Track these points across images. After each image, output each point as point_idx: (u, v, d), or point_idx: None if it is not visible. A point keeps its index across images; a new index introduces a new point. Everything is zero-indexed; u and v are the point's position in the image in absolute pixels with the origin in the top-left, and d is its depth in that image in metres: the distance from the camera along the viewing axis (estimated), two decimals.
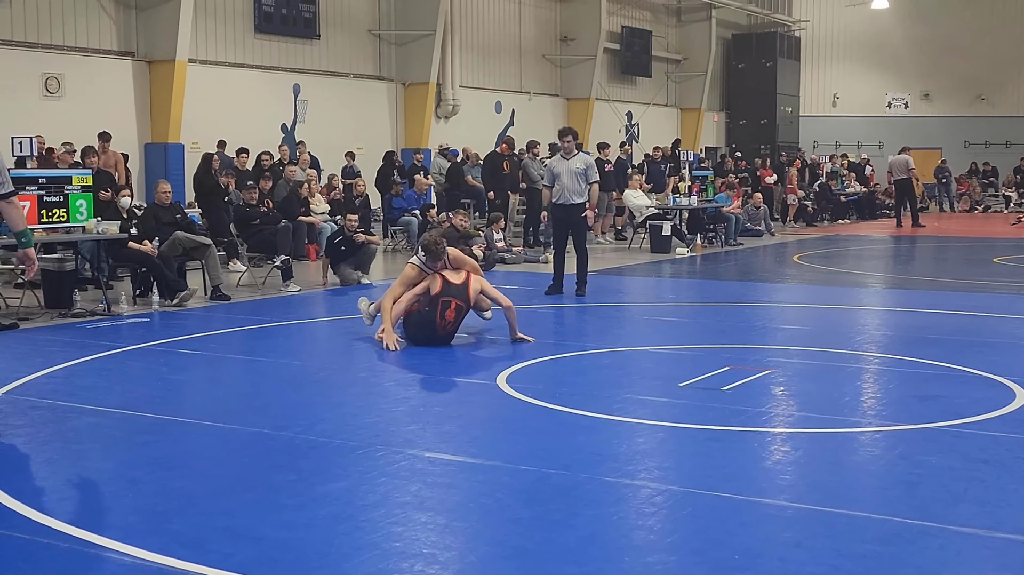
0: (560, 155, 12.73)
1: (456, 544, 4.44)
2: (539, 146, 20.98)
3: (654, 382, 7.75)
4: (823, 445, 6.04)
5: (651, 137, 32.58)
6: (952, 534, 4.47)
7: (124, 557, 4.22)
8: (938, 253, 20.50)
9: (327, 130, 22.99)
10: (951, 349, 8.85)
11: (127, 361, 8.64)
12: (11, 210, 6.49)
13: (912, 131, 39.23)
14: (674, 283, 15.14)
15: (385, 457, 5.65)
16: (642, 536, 4.53)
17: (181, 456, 5.83)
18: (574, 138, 12.71)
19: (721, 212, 20.85)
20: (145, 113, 19.94)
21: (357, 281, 13.63)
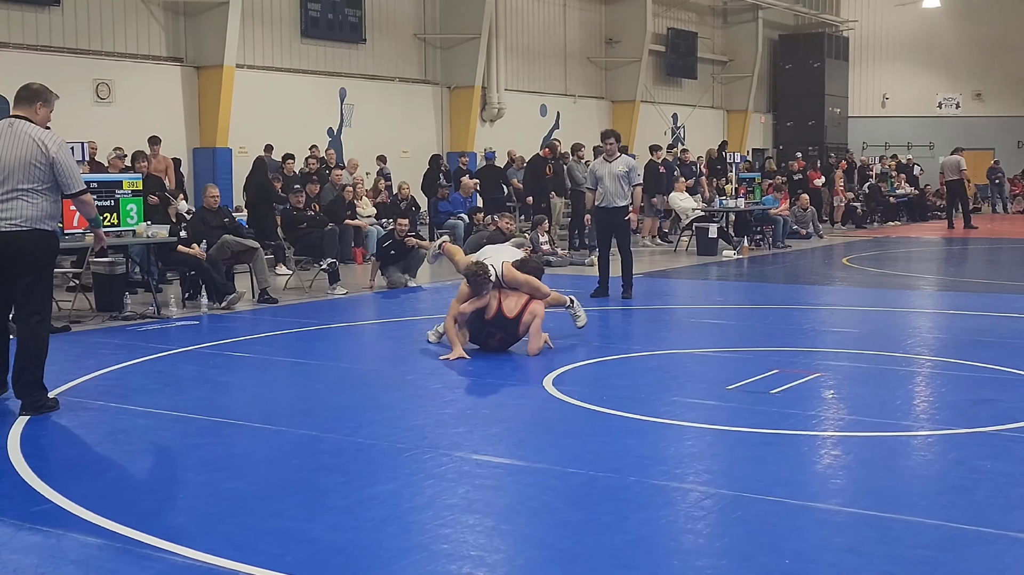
0: (603, 158, 12.68)
1: (504, 547, 4.42)
2: (583, 149, 20.96)
3: (702, 385, 7.69)
4: (874, 449, 5.96)
5: (697, 140, 32.43)
6: (1010, 540, 4.39)
7: (175, 557, 4.25)
8: (991, 255, 20.22)
9: (373, 134, 23.10)
10: (1006, 352, 8.71)
11: (177, 364, 8.72)
12: (82, 206, 7.16)
13: (964, 131, 38.72)
14: (721, 286, 15.05)
15: (432, 459, 5.65)
16: (691, 540, 4.50)
17: (231, 458, 5.86)
18: (616, 140, 12.65)
19: (768, 214, 20.69)
20: (194, 118, 20.13)
21: (405, 284, 13.67)
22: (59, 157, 6.79)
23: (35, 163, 6.72)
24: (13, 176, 6.71)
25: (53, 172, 6.77)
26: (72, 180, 6.88)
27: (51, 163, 6.75)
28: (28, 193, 6.73)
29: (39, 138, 6.76)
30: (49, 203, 6.85)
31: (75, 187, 6.90)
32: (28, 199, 6.73)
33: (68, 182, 6.86)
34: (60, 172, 6.80)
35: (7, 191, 6.72)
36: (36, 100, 6.95)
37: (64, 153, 6.86)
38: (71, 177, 6.87)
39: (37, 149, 6.72)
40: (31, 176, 6.72)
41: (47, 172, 6.76)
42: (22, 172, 6.71)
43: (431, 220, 19.66)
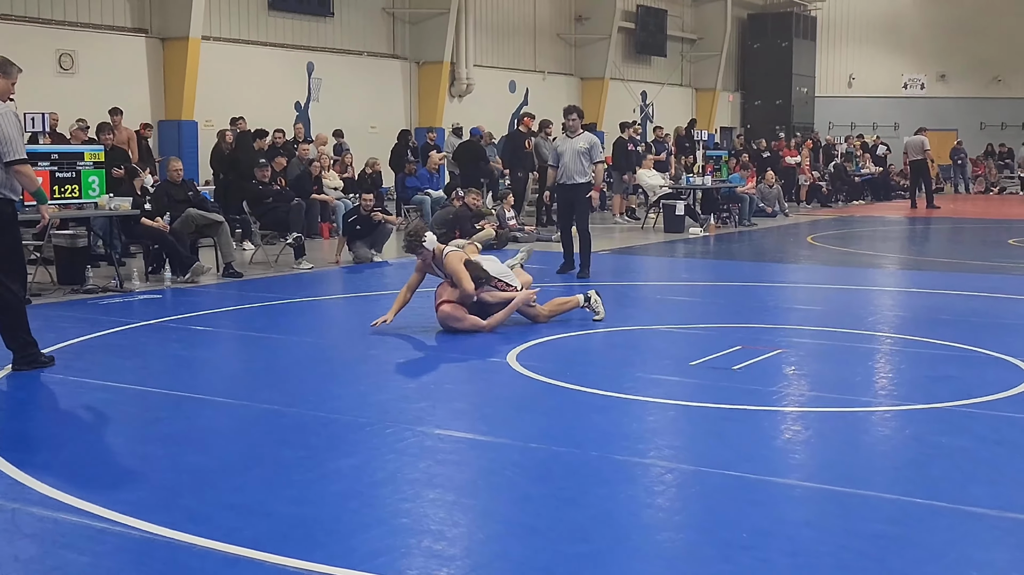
0: (566, 134, 12.53)
1: (465, 521, 4.43)
2: (552, 126, 20.94)
3: (665, 361, 7.72)
4: (834, 425, 6.01)
5: (666, 118, 32.45)
6: (963, 514, 4.45)
7: (133, 531, 4.23)
8: (953, 235, 20.40)
9: (341, 109, 22.95)
10: (965, 330, 8.80)
11: (139, 337, 8.66)
12: (20, 178, 6.99)
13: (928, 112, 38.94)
14: (687, 263, 15.10)
15: (395, 434, 5.65)
16: (651, 514, 4.52)
17: (192, 432, 5.84)
18: (579, 116, 12.46)
19: (735, 192, 20.77)
20: (159, 90, 19.94)
21: (371, 259, 13.64)
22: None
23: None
24: None
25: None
26: (8, 148, 6.78)
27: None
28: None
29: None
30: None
31: (9, 155, 6.80)
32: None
33: (3, 149, 6.76)
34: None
35: None
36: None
37: (6, 122, 6.76)
38: (6, 145, 6.77)
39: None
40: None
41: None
42: None
43: (398, 195, 19.59)
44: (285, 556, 3.96)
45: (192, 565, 3.91)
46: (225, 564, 3.92)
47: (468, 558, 4.02)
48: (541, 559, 3.99)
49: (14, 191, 7.00)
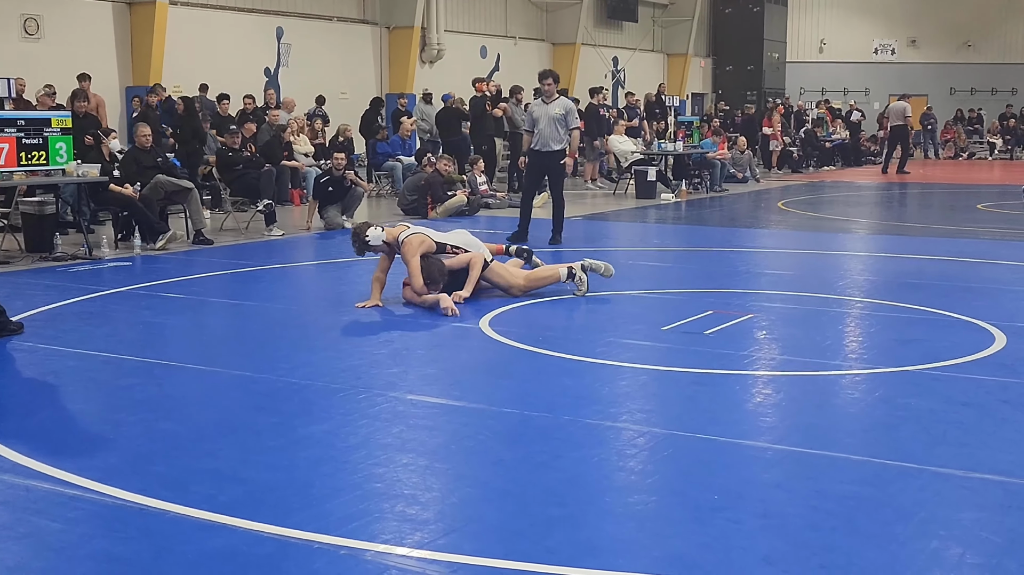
0: (541, 99, 12.32)
1: (438, 485, 4.45)
2: (523, 91, 20.85)
3: (637, 326, 7.75)
4: (804, 388, 6.06)
5: (638, 83, 32.39)
6: (931, 475, 4.50)
7: (106, 498, 4.22)
8: (923, 200, 20.52)
9: (311, 75, 22.77)
10: (934, 294, 8.88)
11: (109, 305, 8.61)
12: None
13: (899, 77, 39.10)
14: (659, 228, 15.13)
15: (367, 399, 5.66)
16: (623, 477, 4.55)
17: (164, 399, 5.82)
18: (555, 81, 12.27)
19: (707, 158, 20.79)
20: (126, 56, 19.70)
21: (342, 225, 13.57)
22: None
23: None
24: None
25: None
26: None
27: None
28: None
29: None
30: None
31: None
32: None
33: None
34: None
35: None
36: None
37: None
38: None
39: None
40: None
41: None
42: None
43: (369, 162, 19.50)
44: (259, 521, 3.97)
45: (165, 531, 3.91)
46: (199, 530, 3.92)
47: (441, 522, 4.04)
48: (514, 522, 4.01)
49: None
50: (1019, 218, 15.76)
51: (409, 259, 8.15)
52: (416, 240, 8.22)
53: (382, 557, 3.70)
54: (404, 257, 8.21)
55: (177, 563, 3.64)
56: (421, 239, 8.26)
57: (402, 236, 8.26)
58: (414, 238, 8.23)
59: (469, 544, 3.81)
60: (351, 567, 3.62)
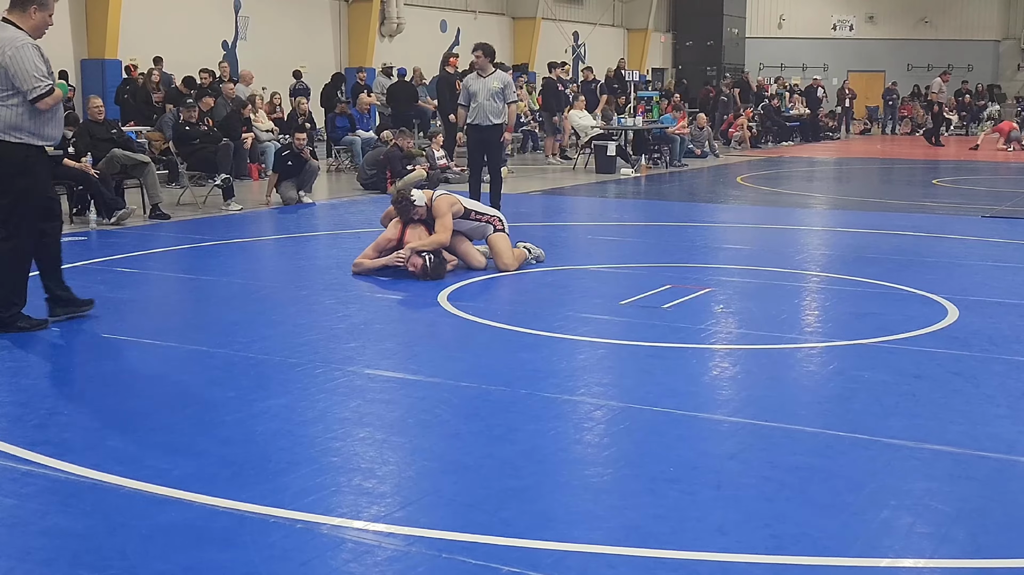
0: (476, 72, 12.09)
1: (395, 459, 4.45)
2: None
3: (596, 300, 7.78)
4: (760, 361, 6.11)
5: (598, 58, 32.38)
6: (882, 446, 4.56)
7: (59, 473, 4.19)
8: (879, 175, 20.69)
9: (269, 48, 22.59)
10: (888, 268, 8.97)
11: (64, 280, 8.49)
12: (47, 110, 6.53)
13: (857, 54, 39.40)
14: (618, 203, 15.16)
15: (324, 374, 5.65)
16: (580, 450, 4.58)
17: (119, 374, 5.78)
18: (485, 54, 12.00)
19: (666, 133, 20.84)
20: (81, 29, 19.44)
21: (298, 200, 13.50)
22: (9, 61, 6.30)
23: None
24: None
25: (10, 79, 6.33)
26: (25, 84, 6.32)
27: (5, 69, 6.31)
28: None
29: (1, 43, 6.32)
30: (9, 112, 6.38)
31: (30, 93, 6.35)
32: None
33: (23, 87, 6.34)
34: (12, 77, 6.33)
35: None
36: (30, 4, 6.48)
37: (19, 56, 6.31)
38: (24, 81, 6.32)
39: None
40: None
41: (5, 78, 6.33)
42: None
43: (328, 136, 19.39)
44: (214, 496, 3.96)
45: (120, 506, 3.89)
46: (153, 504, 3.90)
47: (398, 495, 4.05)
48: (471, 494, 4.03)
49: (39, 135, 6.54)
50: (973, 193, 15.94)
51: (443, 215, 8.54)
52: (447, 200, 8.64)
53: (338, 530, 3.70)
54: (436, 212, 8.54)
55: (131, 538, 3.62)
56: (452, 200, 8.69)
57: (434, 197, 8.65)
58: (445, 198, 8.66)
59: (425, 517, 3.82)
60: (307, 541, 3.61)
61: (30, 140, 6.47)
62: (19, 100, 6.38)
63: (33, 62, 6.34)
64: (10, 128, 6.40)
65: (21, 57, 6.31)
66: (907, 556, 3.54)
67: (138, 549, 3.54)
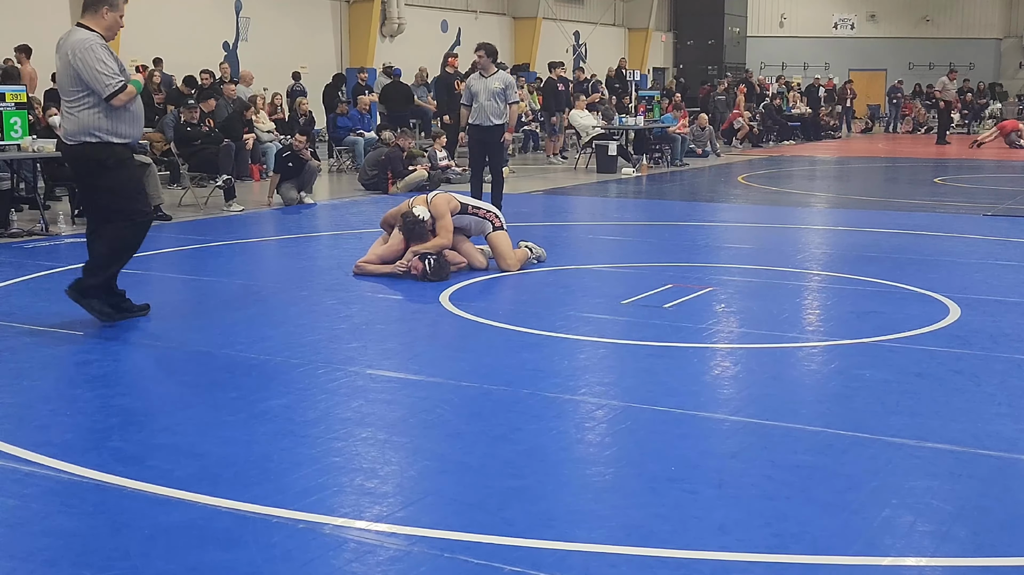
0: (479, 73, 12.13)
1: (396, 459, 4.46)
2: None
3: (597, 300, 7.78)
4: (762, 360, 6.11)
5: (599, 58, 32.38)
6: (884, 444, 4.56)
7: (61, 474, 4.20)
8: (881, 173, 20.67)
9: (270, 49, 22.60)
10: (890, 267, 8.97)
11: (65, 281, 8.44)
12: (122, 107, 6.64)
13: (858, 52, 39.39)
14: (619, 203, 15.16)
15: (326, 374, 5.65)
16: (582, 449, 4.58)
17: (121, 374, 5.79)
18: (488, 54, 12.03)
19: (667, 133, 20.83)
20: None
21: (300, 201, 13.51)
22: (78, 63, 6.40)
23: (69, 73, 6.45)
24: (62, 89, 6.52)
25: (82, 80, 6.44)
26: (97, 83, 6.41)
27: (77, 71, 6.42)
28: (68, 105, 6.52)
29: (69, 45, 6.45)
30: (90, 113, 6.48)
31: (101, 92, 6.44)
32: (69, 112, 6.52)
33: (92, 87, 6.43)
34: (82, 78, 6.43)
35: (65, 105, 6.55)
36: (102, 5, 6.64)
37: (87, 56, 6.39)
38: (95, 81, 6.41)
39: (66, 58, 6.43)
40: (69, 87, 6.49)
41: (79, 80, 6.44)
42: (66, 84, 6.49)
43: (330, 136, 19.40)
44: (216, 496, 3.96)
45: (122, 506, 3.90)
46: (156, 504, 3.91)
47: (400, 495, 4.05)
48: (472, 494, 4.03)
49: (116, 133, 6.59)
50: (974, 191, 15.94)
51: (442, 215, 8.56)
52: (444, 199, 8.67)
53: (340, 530, 3.70)
54: (435, 213, 8.56)
55: (134, 538, 3.62)
56: (447, 198, 8.72)
57: (430, 198, 8.69)
58: (441, 197, 8.69)
59: (427, 517, 3.82)
60: (309, 541, 3.62)
61: (110, 139, 6.59)
62: (94, 100, 6.50)
63: (102, 60, 6.46)
64: (89, 129, 6.53)
65: (89, 58, 6.43)
66: (908, 554, 3.54)
67: (141, 549, 3.54)
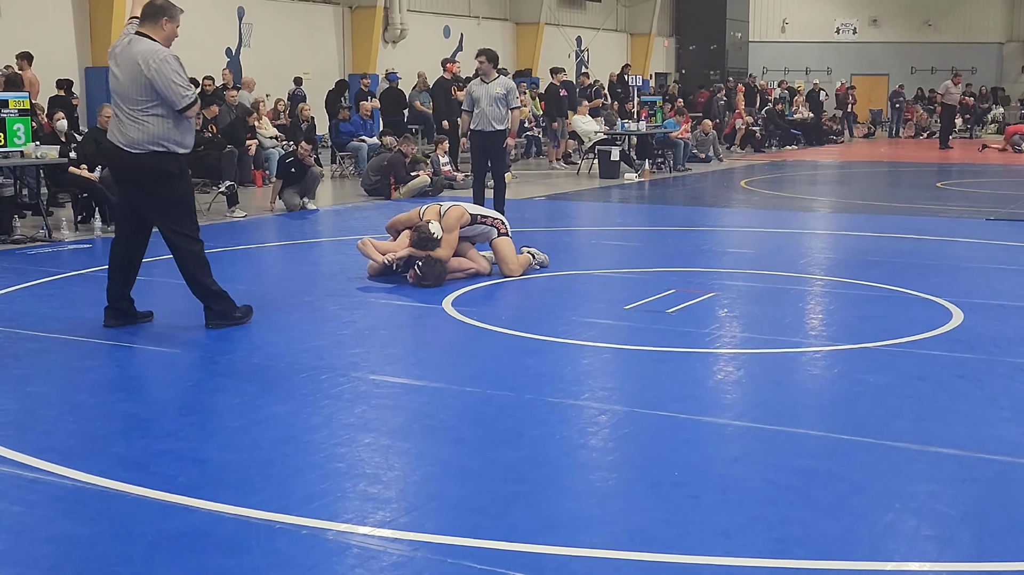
0: (480, 79, 12.07)
1: (399, 464, 4.46)
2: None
3: (600, 305, 7.78)
4: (765, 365, 6.11)
5: (601, 63, 32.39)
6: (886, 449, 4.56)
7: (65, 480, 4.20)
8: (883, 178, 20.68)
9: (273, 55, 22.61)
10: (892, 271, 8.97)
11: (68, 287, 8.54)
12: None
13: (860, 57, 39.39)
14: (622, 208, 15.17)
15: (329, 380, 5.65)
16: (585, 455, 4.58)
17: (124, 380, 5.80)
18: (489, 60, 11.99)
19: (669, 138, 20.84)
20: (85, 36, 19.47)
21: (302, 207, 13.52)
22: (154, 74, 6.48)
23: (140, 82, 6.49)
24: (126, 97, 6.54)
25: (156, 91, 6.50)
26: (173, 95, 6.52)
27: (151, 81, 6.48)
28: (135, 113, 6.54)
29: (142, 55, 6.51)
30: (160, 123, 6.55)
31: (177, 104, 6.56)
32: (134, 121, 6.54)
33: (169, 99, 6.53)
34: (158, 90, 6.51)
35: (124, 113, 6.56)
36: (161, 16, 6.78)
37: (164, 68, 6.50)
38: (172, 92, 6.52)
39: (138, 68, 6.49)
40: (137, 96, 6.52)
41: (151, 90, 6.50)
42: (133, 92, 6.52)
43: (332, 141, 19.42)
44: (220, 502, 3.97)
45: (126, 512, 3.90)
46: (159, 510, 3.91)
47: (403, 500, 4.05)
48: (475, 499, 4.03)
49: (181, 144, 6.70)
50: (977, 196, 15.93)
51: (450, 230, 8.53)
52: (456, 214, 8.58)
53: (344, 536, 3.70)
54: (446, 227, 8.53)
55: (137, 544, 3.63)
56: (460, 212, 8.62)
57: (444, 211, 8.60)
58: (454, 211, 8.60)
59: (431, 522, 3.82)
60: (313, 546, 3.62)
61: (175, 149, 6.67)
62: (164, 111, 6.57)
63: (177, 72, 6.58)
64: (158, 139, 6.58)
65: (167, 70, 6.52)
66: (912, 559, 3.54)
67: (144, 555, 3.55)
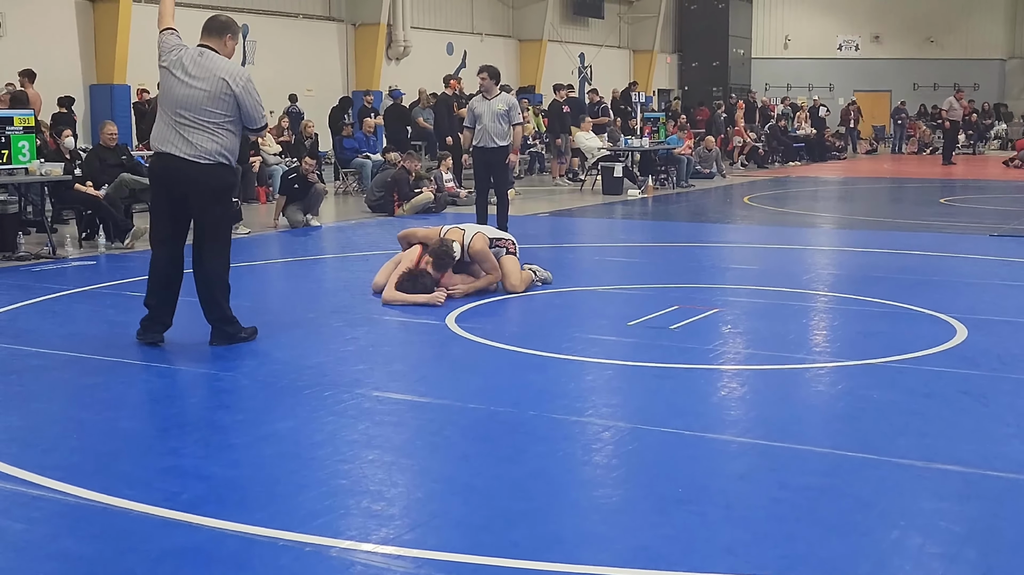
0: (482, 95, 12.00)
1: (403, 481, 4.45)
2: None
3: (603, 321, 7.78)
4: (768, 381, 6.11)
5: (604, 80, 32.45)
6: (892, 466, 4.55)
7: (68, 497, 4.20)
8: (886, 194, 20.68)
9: (277, 72, 22.66)
10: (896, 287, 8.96)
11: (73, 304, 8.54)
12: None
13: (862, 73, 39.46)
14: (625, 224, 15.18)
15: (333, 396, 5.65)
16: (589, 471, 4.57)
17: (128, 397, 5.79)
18: (491, 76, 11.93)
19: (673, 154, 20.86)
20: (90, 53, 19.53)
21: (306, 223, 13.54)
22: (241, 92, 6.67)
23: (221, 96, 6.63)
24: (199, 108, 6.63)
25: (237, 106, 6.68)
26: (256, 115, 6.79)
27: (235, 98, 6.65)
28: (208, 125, 6.64)
29: (227, 71, 6.67)
30: (231, 137, 6.74)
31: (257, 123, 6.83)
32: (207, 131, 6.64)
33: (251, 117, 6.77)
34: (243, 107, 6.70)
35: (191, 122, 6.64)
36: (226, 32, 6.95)
37: (250, 88, 6.73)
38: (255, 111, 6.77)
39: (224, 83, 6.63)
40: (214, 109, 6.63)
41: (232, 106, 6.67)
42: (209, 104, 6.63)
43: (336, 157, 19.46)
44: (223, 519, 3.96)
45: (129, 529, 3.89)
46: (162, 527, 3.90)
47: (407, 517, 4.05)
48: (479, 516, 4.02)
49: (240, 159, 7.02)
50: (980, 212, 15.93)
51: (487, 256, 8.58)
52: (482, 240, 8.61)
53: (347, 553, 3.70)
54: (479, 256, 8.55)
55: (140, 561, 3.62)
56: (483, 239, 8.68)
57: (466, 240, 8.59)
58: (479, 238, 8.61)
59: (434, 539, 3.81)
60: (316, 563, 3.61)
61: (235, 163, 6.96)
62: (236, 127, 6.78)
63: (258, 95, 6.84)
64: (227, 151, 6.77)
65: (252, 89, 6.79)
66: None
67: (147, 573, 3.54)
